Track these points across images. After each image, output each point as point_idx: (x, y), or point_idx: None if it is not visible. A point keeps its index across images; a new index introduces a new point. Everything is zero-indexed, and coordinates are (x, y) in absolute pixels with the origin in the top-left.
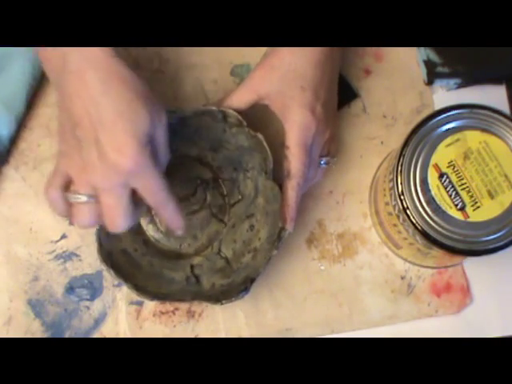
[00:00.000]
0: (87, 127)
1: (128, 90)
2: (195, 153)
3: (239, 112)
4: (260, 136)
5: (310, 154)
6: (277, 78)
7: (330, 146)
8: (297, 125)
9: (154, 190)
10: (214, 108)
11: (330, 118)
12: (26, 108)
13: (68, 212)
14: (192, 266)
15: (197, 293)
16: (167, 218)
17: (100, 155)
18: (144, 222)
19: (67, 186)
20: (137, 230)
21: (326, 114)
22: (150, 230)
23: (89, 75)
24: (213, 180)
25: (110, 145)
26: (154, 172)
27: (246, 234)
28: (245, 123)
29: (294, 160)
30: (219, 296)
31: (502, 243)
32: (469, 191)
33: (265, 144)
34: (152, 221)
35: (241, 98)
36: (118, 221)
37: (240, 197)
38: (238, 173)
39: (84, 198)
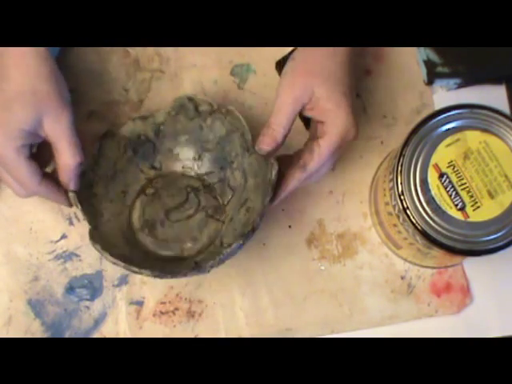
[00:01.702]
0: None
1: (9, 89)
2: (180, 167)
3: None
4: (231, 108)
5: (332, 158)
6: (318, 84)
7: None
8: (339, 131)
9: (21, 181)
10: (182, 97)
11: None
12: None
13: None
14: (196, 262)
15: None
16: (46, 198)
17: None
18: (142, 236)
19: None
20: (135, 244)
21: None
22: (148, 244)
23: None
24: (203, 186)
25: None
26: (19, 165)
27: (243, 217)
28: (215, 106)
29: (318, 160)
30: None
31: (501, 243)
32: (469, 191)
33: (237, 113)
34: (150, 233)
35: (288, 114)
36: (15, 191)
37: (232, 192)
38: (225, 169)
39: None
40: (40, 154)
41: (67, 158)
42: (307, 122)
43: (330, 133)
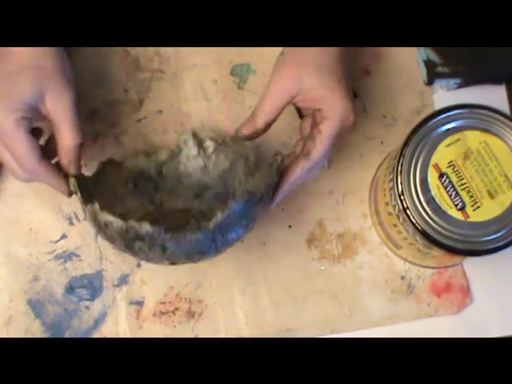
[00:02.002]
0: None
1: (13, 63)
2: (180, 205)
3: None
4: (235, 135)
5: (335, 145)
6: (308, 73)
7: None
8: (338, 115)
9: (19, 156)
10: (186, 133)
11: None
12: None
13: None
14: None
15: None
16: (45, 182)
17: None
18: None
19: None
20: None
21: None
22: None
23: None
24: (204, 214)
25: None
26: (18, 138)
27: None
28: (220, 140)
29: (320, 147)
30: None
31: (501, 243)
32: (469, 191)
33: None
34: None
35: (273, 103)
36: (14, 172)
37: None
38: (227, 199)
39: None
40: (47, 147)
41: (68, 138)
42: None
43: (329, 118)
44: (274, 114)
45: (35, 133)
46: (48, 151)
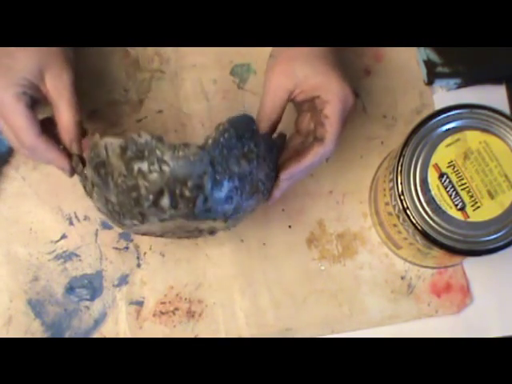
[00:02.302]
0: None
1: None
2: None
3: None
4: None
5: (343, 126)
6: (299, 65)
7: None
8: (337, 97)
9: (19, 130)
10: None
11: None
12: None
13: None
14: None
15: None
16: (46, 159)
17: None
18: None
19: None
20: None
21: None
22: None
23: None
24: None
25: None
26: (18, 111)
27: None
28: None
29: (332, 129)
30: None
31: (501, 243)
32: (469, 191)
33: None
34: None
35: (273, 103)
36: (15, 146)
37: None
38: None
39: None
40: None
41: (67, 116)
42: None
43: (329, 101)
44: (276, 113)
45: (35, 109)
46: (49, 132)
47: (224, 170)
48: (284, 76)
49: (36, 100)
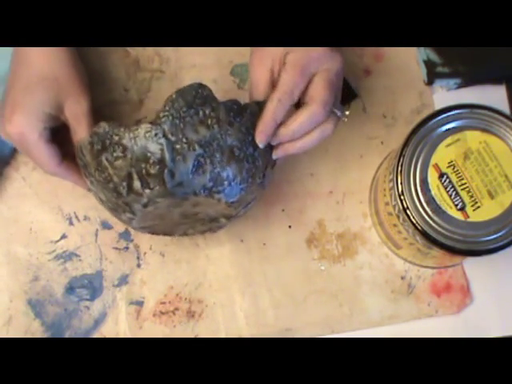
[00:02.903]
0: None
1: (30, 75)
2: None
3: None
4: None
5: (303, 75)
6: (274, 48)
7: (339, 97)
8: (300, 49)
9: (40, 162)
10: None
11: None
12: None
13: None
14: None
15: None
16: (66, 179)
17: (2, 118)
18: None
19: None
20: None
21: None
22: None
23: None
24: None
25: (7, 112)
26: (39, 148)
27: None
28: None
29: (285, 75)
30: None
31: (501, 243)
32: (469, 191)
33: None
34: None
35: (257, 89)
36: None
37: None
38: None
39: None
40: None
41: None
42: None
43: (290, 51)
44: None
45: (56, 135)
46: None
47: (180, 140)
48: (261, 59)
49: (57, 128)
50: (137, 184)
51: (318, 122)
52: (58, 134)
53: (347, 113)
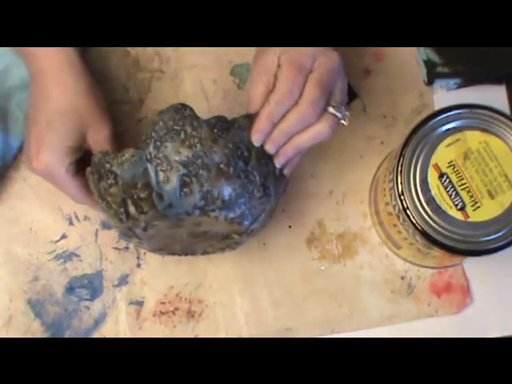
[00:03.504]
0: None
1: (50, 111)
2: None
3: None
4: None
5: (301, 73)
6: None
7: (341, 99)
8: (293, 49)
9: (69, 195)
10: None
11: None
12: None
13: None
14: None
15: None
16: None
17: (28, 154)
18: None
19: None
20: None
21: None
22: None
23: (43, 82)
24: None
25: (32, 149)
26: (67, 182)
27: None
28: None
29: (282, 75)
30: None
31: (501, 243)
32: (469, 191)
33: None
34: None
35: (263, 83)
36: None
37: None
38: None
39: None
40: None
41: None
42: None
43: (285, 51)
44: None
45: (82, 163)
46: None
47: (163, 162)
48: (261, 59)
49: (82, 158)
50: (132, 209)
51: (308, 122)
52: (85, 163)
53: (348, 114)
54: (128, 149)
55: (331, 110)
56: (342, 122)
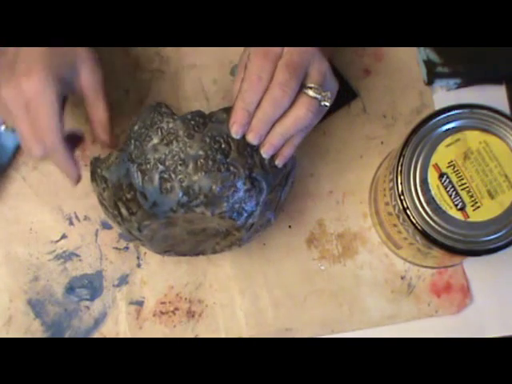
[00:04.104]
0: (10, 54)
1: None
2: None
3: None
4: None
5: (267, 57)
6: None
7: (319, 80)
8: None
9: (46, 129)
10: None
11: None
12: None
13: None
14: None
15: None
16: (59, 163)
17: (11, 76)
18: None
19: None
20: None
21: None
22: None
23: None
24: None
25: (21, 69)
26: (49, 107)
27: None
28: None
29: (249, 64)
30: None
31: (501, 243)
32: (469, 191)
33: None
34: None
35: (235, 89)
36: (30, 146)
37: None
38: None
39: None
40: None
41: (102, 111)
42: None
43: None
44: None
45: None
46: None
47: (144, 161)
48: (239, 73)
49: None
50: (124, 211)
51: (282, 106)
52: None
53: (327, 94)
54: (114, 151)
55: (306, 91)
56: (324, 103)
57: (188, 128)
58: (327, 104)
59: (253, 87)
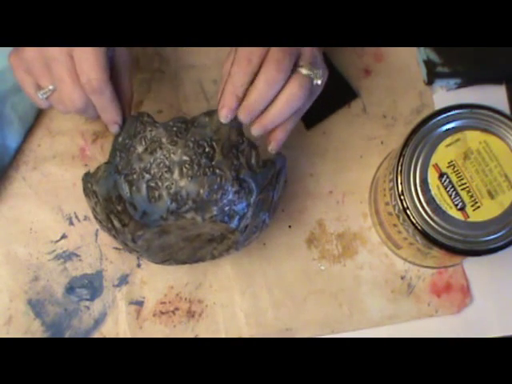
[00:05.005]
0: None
1: None
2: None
3: None
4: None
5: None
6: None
7: (311, 60)
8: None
9: (90, 66)
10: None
11: None
12: (35, 119)
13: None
14: None
15: None
16: (103, 106)
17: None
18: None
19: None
20: None
21: None
22: None
23: None
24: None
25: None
26: (95, 48)
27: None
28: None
29: (237, 50)
30: None
31: (501, 243)
32: (469, 191)
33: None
34: None
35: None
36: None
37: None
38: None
39: (51, 87)
40: None
41: (128, 83)
42: (307, 121)
43: None
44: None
45: None
46: None
47: (130, 171)
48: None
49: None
50: (116, 223)
51: (276, 84)
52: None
53: (319, 72)
54: (101, 164)
55: (300, 69)
56: (316, 81)
57: (171, 135)
58: (319, 83)
59: (242, 70)
